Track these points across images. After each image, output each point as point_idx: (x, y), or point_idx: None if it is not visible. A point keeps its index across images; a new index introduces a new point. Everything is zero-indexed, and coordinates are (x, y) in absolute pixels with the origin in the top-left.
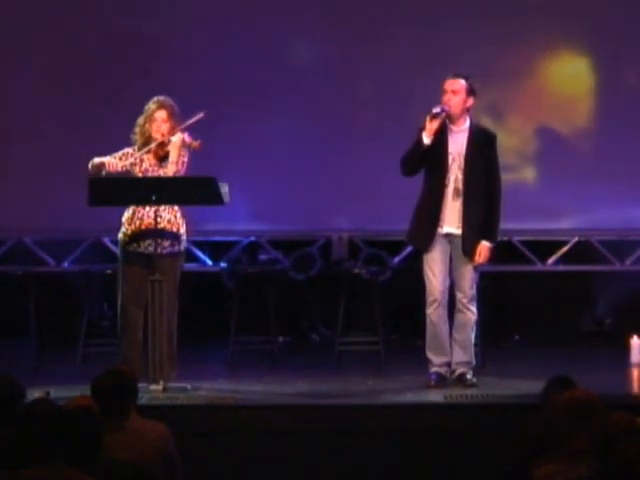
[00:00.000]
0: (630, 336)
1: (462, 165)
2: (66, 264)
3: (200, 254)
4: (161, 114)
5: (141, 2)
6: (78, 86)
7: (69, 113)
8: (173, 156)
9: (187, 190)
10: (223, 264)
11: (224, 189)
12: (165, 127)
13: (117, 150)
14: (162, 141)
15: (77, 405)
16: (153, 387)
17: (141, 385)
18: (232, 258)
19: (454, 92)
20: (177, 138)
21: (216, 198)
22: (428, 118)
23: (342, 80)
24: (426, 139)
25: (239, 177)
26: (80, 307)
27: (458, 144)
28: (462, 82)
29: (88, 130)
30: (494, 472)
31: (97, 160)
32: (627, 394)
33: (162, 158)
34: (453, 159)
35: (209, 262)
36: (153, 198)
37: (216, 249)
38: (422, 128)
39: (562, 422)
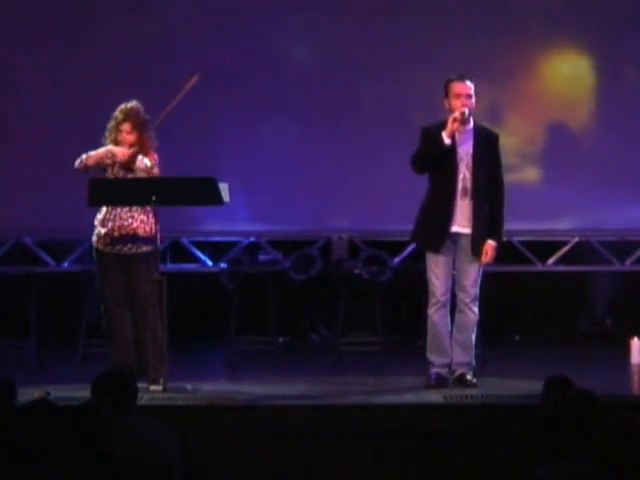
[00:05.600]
0: (630, 336)
1: (470, 164)
2: (66, 264)
3: (200, 254)
4: (125, 127)
5: (141, 2)
6: (78, 86)
7: (69, 113)
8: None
9: (187, 190)
10: (223, 264)
11: (224, 189)
12: (130, 138)
13: None
14: (128, 156)
15: (79, 405)
16: (153, 387)
17: (141, 385)
18: (232, 258)
19: (469, 96)
20: (141, 163)
21: (216, 198)
22: (451, 119)
23: (342, 80)
24: (447, 140)
25: (239, 177)
26: (80, 307)
27: (465, 144)
28: (471, 84)
29: (88, 130)
30: (494, 472)
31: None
32: (627, 394)
33: (126, 168)
34: (461, 158)
35: (209, 262)
36: (153, 198)
37: (216, 249)
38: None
39: (562, 422)
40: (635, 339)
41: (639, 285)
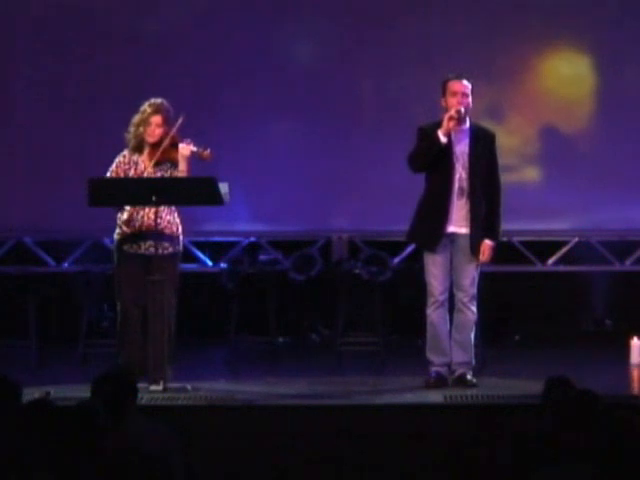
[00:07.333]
0: (630, 336)
1: (466, 164)
2: (66, 265)
3: (200, 254)
4: (156, 119)
5: (140, 2)
6: (78, 86)
7: (69, 113)
8: (183, 166)
9: (187, 190)
10: (223, 264)
11: (224, 189)
12: (159, 132)
13: (113, 150)
14: (157, 143)
15: (74, 406)
16: (153, 387)
17: (141, 385)
18: (232, 258)
19: (465, 94)
20: (186, 150)
21: (216, 198)
22: (447, 117)
23: (342, 80)
24: (443, 138)
25: (239, 177)
26: (80, 307)
27: (461, 143)
28: (468, 83)
29: (88, 130)
30: (494, 473)
31: None
32: (627, 394)
33: (159, 161)
34: (457, 158)
35: (209, 262)
36: (153, 199)
37: (216, 249)
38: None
39: (562, 422)
40: (635, 339)
41: (639, 285)
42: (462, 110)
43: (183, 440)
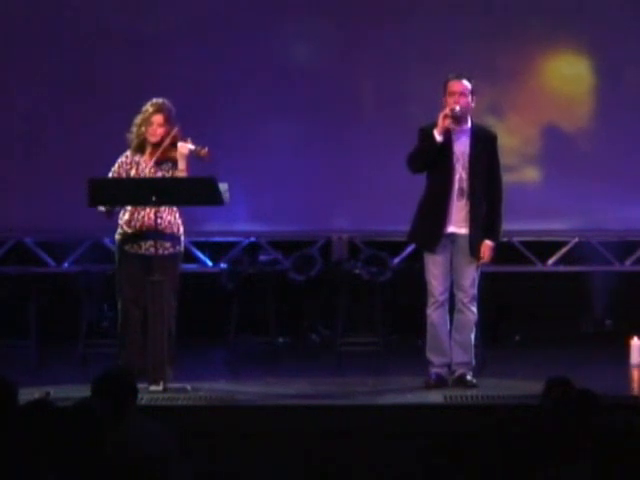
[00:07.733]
0: (630, 337)
1: (466, 165)
2: (66, 265)
3: (200, 255)
4: (157, 118)
5: (140, 2)
6: (78, 87)
7: (69, 113)
8: (182, 165)
9: (187, 190)
10: (223, 265)
11: (224, 189)
12: (160, 131)
13: (113, 150)
14: (158, 143)
15: (77, 405)
16: (153, 387)
17: (141, 385)
18: (232, 259)
19: (463, 94)
20: (184, 148)
21: (216, 198)
22: (442, 116)
23: (342, 80)
24: (438, 137)
25: (239, 177)
26: (80, 307)
27: (461, 144)
28: (467, 83)
29: (88, 130)
30: (494, 473)
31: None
32: (627, 394)
33: (159, 161)
34: (457, 159)
35: (209, 263)
36: (153, 199)
37: (216, 250)
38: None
39: (562, 422)
40: (635, 339)
41: (639, 285)
42: (457, 108)
43: (183, 440)
